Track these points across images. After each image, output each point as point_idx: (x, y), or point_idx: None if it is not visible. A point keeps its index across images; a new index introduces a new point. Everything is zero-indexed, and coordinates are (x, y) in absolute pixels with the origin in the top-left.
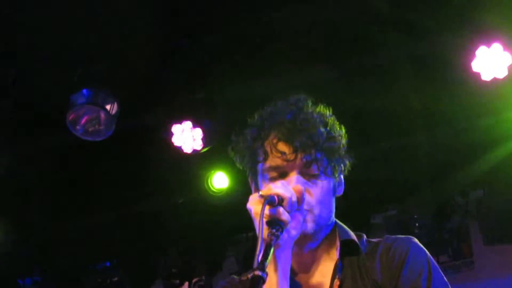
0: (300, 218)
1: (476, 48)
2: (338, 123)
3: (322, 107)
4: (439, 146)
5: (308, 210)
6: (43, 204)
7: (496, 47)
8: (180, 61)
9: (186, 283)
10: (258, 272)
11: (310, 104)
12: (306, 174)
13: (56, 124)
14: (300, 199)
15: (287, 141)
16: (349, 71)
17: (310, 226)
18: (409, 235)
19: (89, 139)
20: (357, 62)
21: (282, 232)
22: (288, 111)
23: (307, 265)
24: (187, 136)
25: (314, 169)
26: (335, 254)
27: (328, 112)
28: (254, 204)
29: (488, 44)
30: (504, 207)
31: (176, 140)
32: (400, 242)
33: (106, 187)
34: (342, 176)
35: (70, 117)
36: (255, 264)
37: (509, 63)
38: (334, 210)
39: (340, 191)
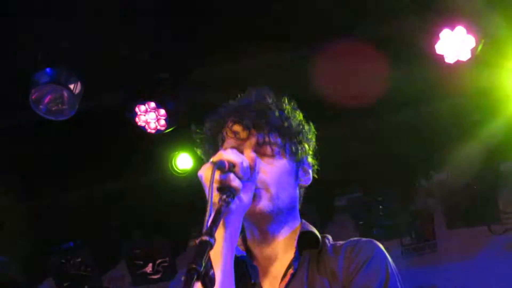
0: (252, 187)
1: (440, 31)
2: (299, 112)
3: (285, 98)
4: (403, 128)
5: (262, 188)
6: (6, 184)
7: (460, 30)
8: (145, 41)
9: (150, 264)
10: (205, 237)
11: (271, 95)
12: (261, 154)
13: (19, 103)
14: (252, 166)
15: (240, 121)
16: (313, 54)
17: (265, 203)
18: (373, 217)
19: (52, 119)
20: (322, 45)
21: (233, 198)
22: (245, 100)
23: (269, 254)
24: (150, 116)
25: (268, 149)
26: (294, 245)
27: (290, 102)
28: (204, 171)
29: (452, 27)
30: (467, 190)
31: (140, 120)
32: (365, 242)
33: (69, 167)
34: (308, 166)
35: (33, 96)
36: (204, 229)
37: (473, 46)
38: (297, 197)
39: (307, 181)
